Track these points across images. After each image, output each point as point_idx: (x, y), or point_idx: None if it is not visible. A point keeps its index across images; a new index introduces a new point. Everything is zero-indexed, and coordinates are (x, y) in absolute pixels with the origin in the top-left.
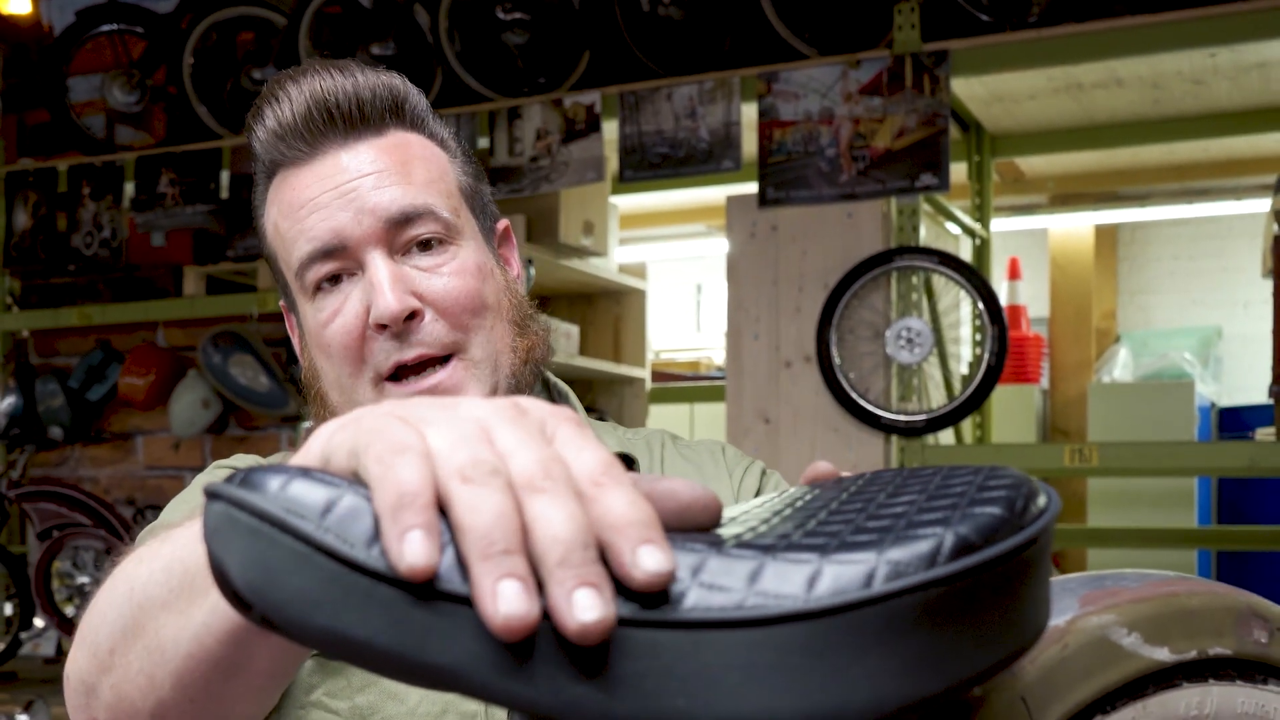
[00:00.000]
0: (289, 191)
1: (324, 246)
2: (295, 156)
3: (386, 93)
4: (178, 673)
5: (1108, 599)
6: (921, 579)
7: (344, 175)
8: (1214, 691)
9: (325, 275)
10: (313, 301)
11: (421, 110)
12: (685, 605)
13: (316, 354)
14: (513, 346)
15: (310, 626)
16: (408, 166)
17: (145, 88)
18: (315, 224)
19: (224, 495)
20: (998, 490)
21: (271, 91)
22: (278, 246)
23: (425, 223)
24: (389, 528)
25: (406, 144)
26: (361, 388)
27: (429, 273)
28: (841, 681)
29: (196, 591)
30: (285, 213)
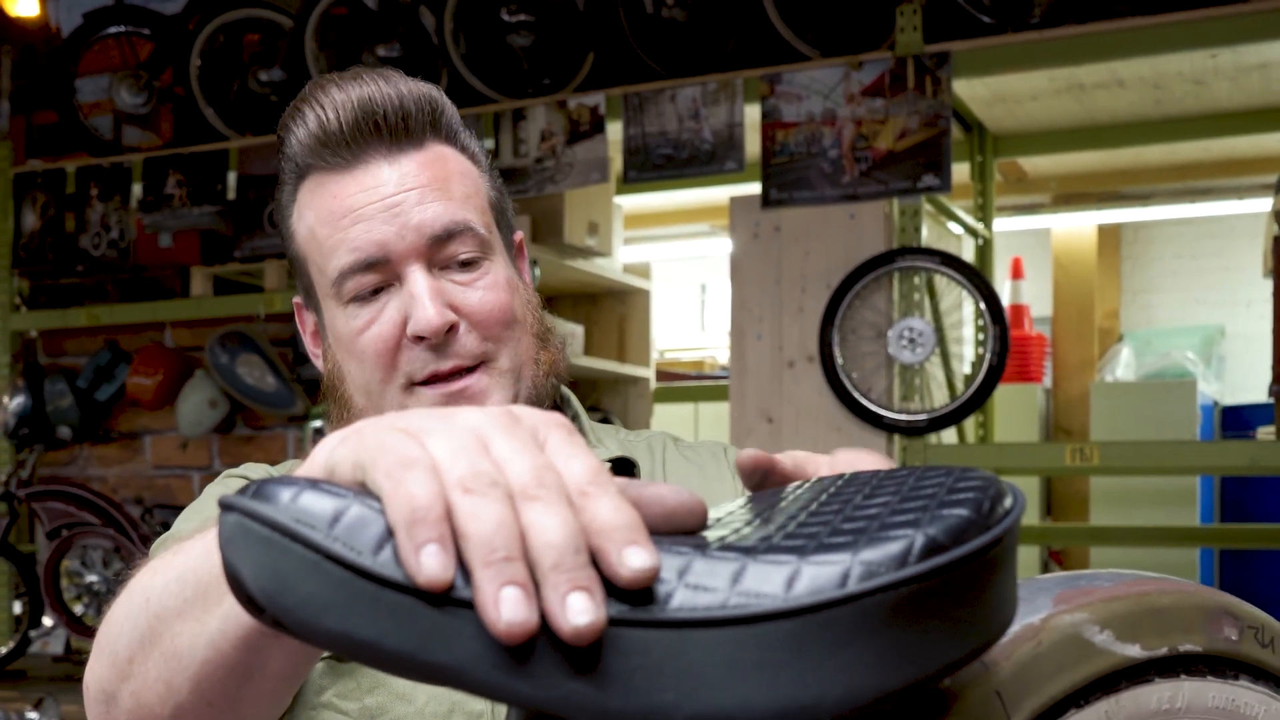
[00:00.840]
0: (329, 199)
1: (367, 258)
2: (336, 163)
3: (428, 105)
4: (195, 678)
5: (1081, 598)
6: (893, 578)
7: (388, 188)
8: (1185, 687)
9: (366, 287)
10: (345, 309)
11: (456, 124)
12: (672, 605)
13: (345, 358)
14: (536, 359)
15: (320, 629)
16: (448, 182)
17: (153, 89)
18: (358, 235)
19: (237, 506)
20: (966, 492)
21: (313, 94)
22: (310, 250)
23: (465, 240)
24: (405, 542)
25: (444, 158)
26: (390, 393)
27: (465, 287)
28: (819, 675)
29: (210, 599)
30: (325, 219)
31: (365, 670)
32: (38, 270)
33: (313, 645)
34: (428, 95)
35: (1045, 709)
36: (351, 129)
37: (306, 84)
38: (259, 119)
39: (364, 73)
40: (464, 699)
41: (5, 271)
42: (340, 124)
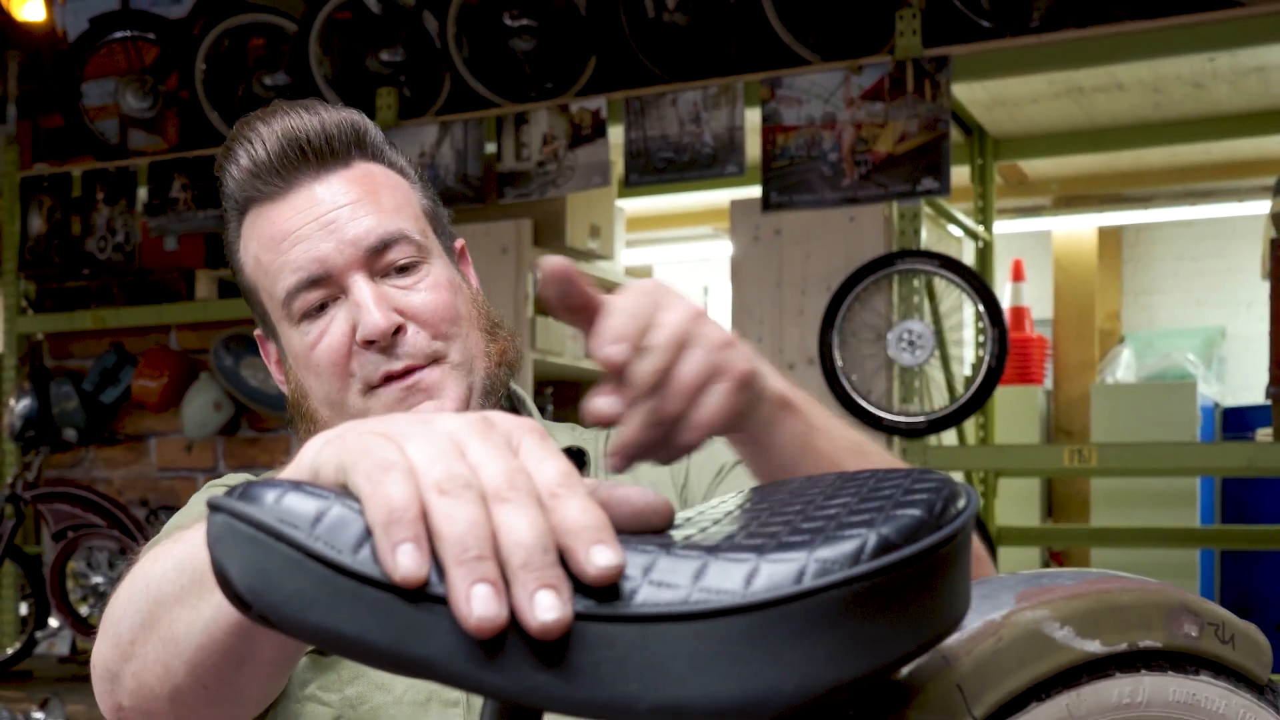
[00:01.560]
0: (268, 225)
1: (310, 275)
2: (270, 192)
3: (349, 127)
4: (190, 662)
5: (1043, 595)
6: (846, 575)
7: (321, 207)
8: (1146, 681)
9: (313, 303)
10: (298, 327)
11: (380, 142)
12: (636, 601)
13: (304, 375)
14: (486, 351)
15: (304, 624)
16: (377, 195)
17: (158, 93)
18: (299, 255)
19: (224, 507)
20: (920, 494)
21: (242, 133)
22: (258, 278)
23: (401, 247)
24: (382, 541)
25: (372, 174)
26: (351, 399)
27: (407, 290)
28: (776, 667)
29: (205, 588)
30: (266, 246)
31: (345, 662)
32: (44, 273)
33: (297, 639)
34: (349, 119)
35: (1006, 702)
36: (279, 157)
37: (235, 125)
38: None
39: (285, 105)
40: (440, 689)
41: (12, 275)
42: (269, 154)
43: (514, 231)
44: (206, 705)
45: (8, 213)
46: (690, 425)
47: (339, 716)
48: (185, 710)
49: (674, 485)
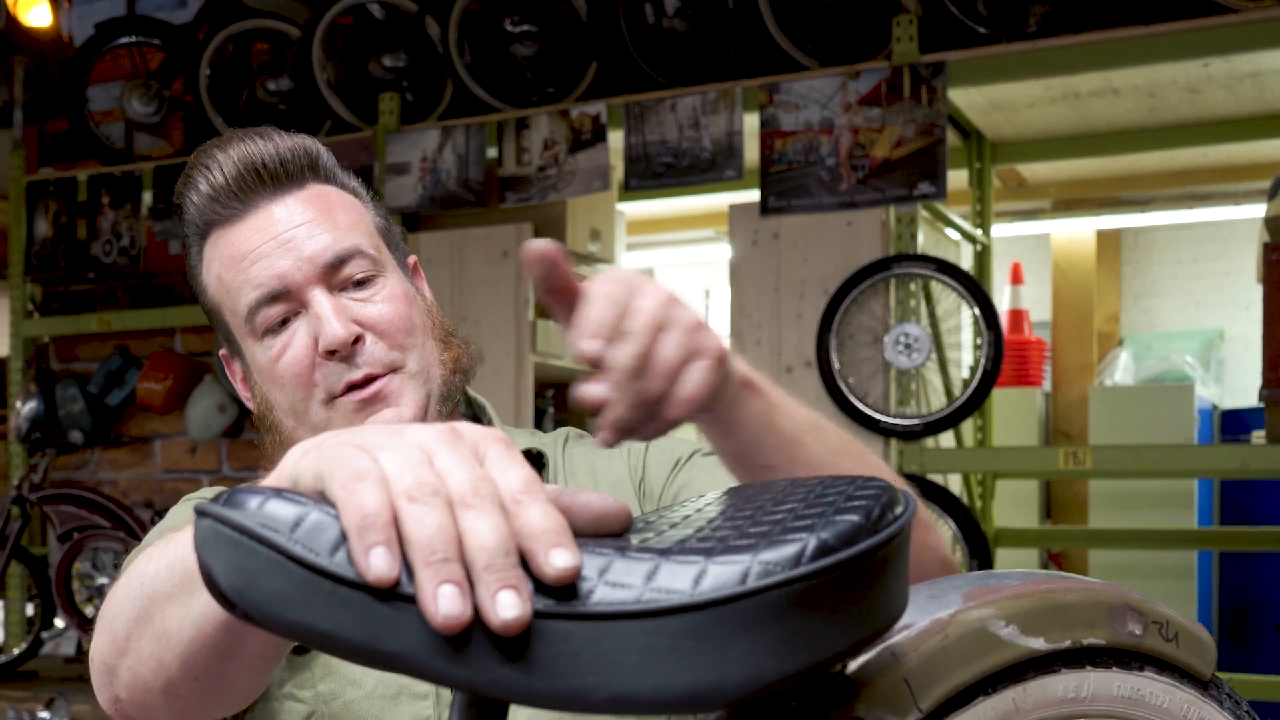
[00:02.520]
0: (228, 246)
1: (270, 291)
2: (229, 214)
3: (303, 151)
4: (182, 655)
5: (989, 595)
6: (786, 576)
7: (279, 226)
8: (1091, 677)
9: (275, 318)
10: (261, 342)
11: (332, 165)
12: (593, 600)
13: (269, 388)
14: (441, 359)
15: (284, 621)
16: (332, 214)
17: (163, 98)
18: (259, 272)
19: (210, 513)
20: (860, 500)
21: (200, 160)
22: (222, 298)
23: (356, 262)
24: (356, 544)
25: (326, 194)
26: (314, 409)
27: (365, 302)
28: (721, 661)
29: (195, 587)
30: (228, 265)
31: (318, 660)
32: (50, 277)
33: (277, 635)
34: (302, 144)
35: (953, 695)
36: (237, 181)
37: (193, 153)
38: None
39: (240, 133)
40: (410, 683)
41: (18, 278)
42: (226, 179)
43: (515, 235)
44: (197, 697)
45: (14, 217)
46: (673, 402)
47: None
48: (178, 702)
49: (632, 481)
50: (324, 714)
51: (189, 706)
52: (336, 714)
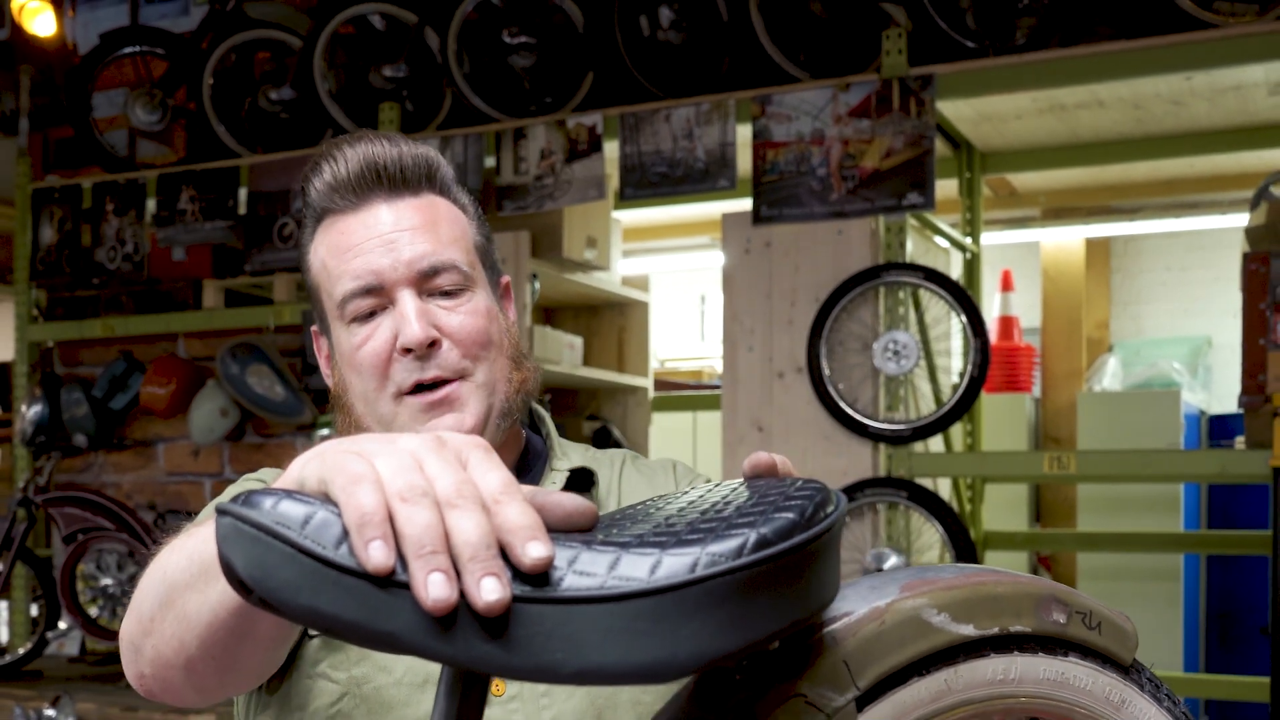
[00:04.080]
0: (337, 235)
1: (364, 285)
2: (344, 206)
3: (424, 161)
4: (200, 636)
5: (924, 586)
6: (729, 565)
7: (384, 226)
8: (1018, 661)
9: (364, 310)
10: (348, 328)
11: (449, 179)
12: (563, 587)
13: (348, 371)
14: (509, 378)
15: (295, 606)
16: (436, 225)
17: (166, 106)
18: (358, 265)
19: (230, 512)
20: (797, 500)
21: (329, 150)
22: (322, 279)
23: (449, 274)
24: (356, 538)
25: (436, 206)
26: (384, 401)
27: (449, 311)
28: (673, 639)
29: (212, 575)
30: (332, 252)
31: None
32: (55, 283)
33: (289, 619)
34: (425, 155)
35: (888, 675)
36: (357, 177)
37: (324, 143)
38: (269, 136)
39: (370, 134)
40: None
41: (24, 284)
42: (348, 173)
43: (512, 243)
44: (214, 673)
45: (19, 223)
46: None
47: (345, 694)
48: (196, 677)
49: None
50: (355, 695)
51: (206, 682)
52: (367, 697)
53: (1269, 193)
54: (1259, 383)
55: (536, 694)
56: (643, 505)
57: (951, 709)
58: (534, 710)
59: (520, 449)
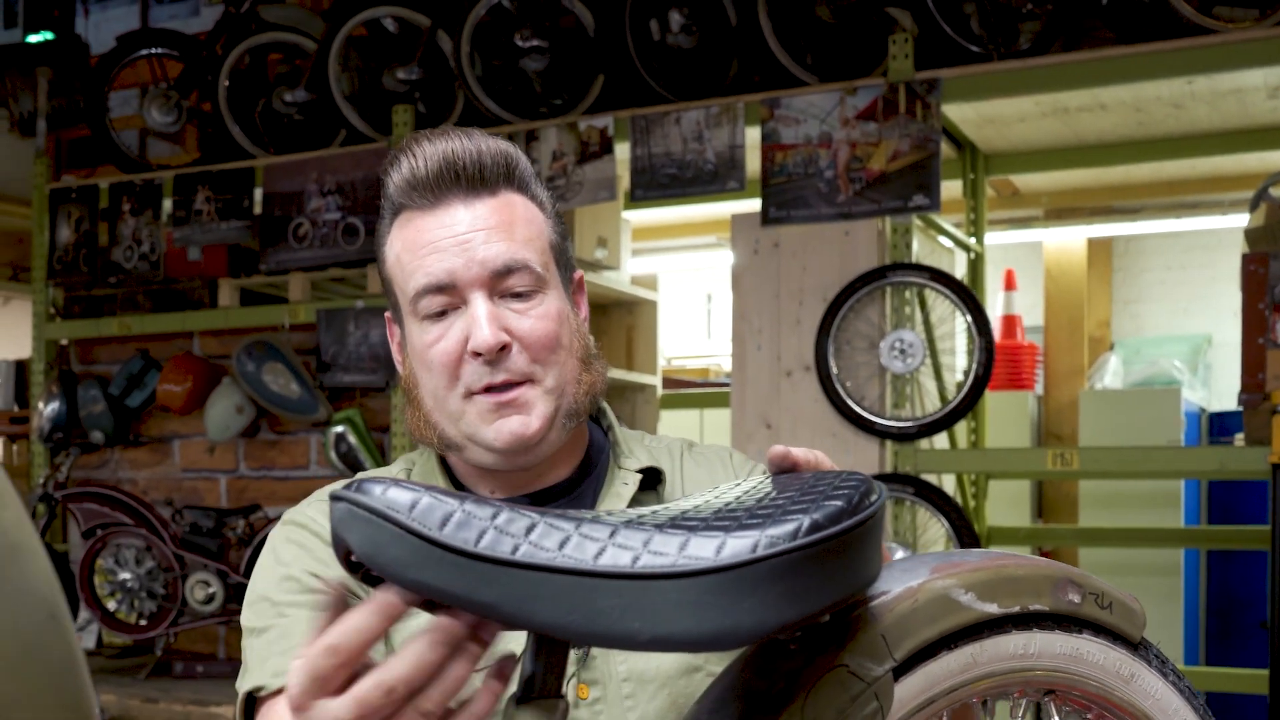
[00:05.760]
0: (413, 231)
1: (437, 283)
2: (422, 203)
3: (502, 159)
4: None
5: (952, 568)
6: (786, 547)
7: (460, 226)
8: (1037, 638)
9: (436, 308)
10: (420, 324)
11: (528, 175)
12: (639, 565)
13: (418, 366)
14: (578, 379)
15: (404, 580)
16: (513, 226)
17: (182, 108)
18: (433, 264)
19: (345, 498)
20: (844, 489)
21: (409, 146)
22: (396, 273)
23: (521, 276)
24: None
25: (513, 205)
26: (453, 399)
27: (520, 314)
28: (736, 612)
29: None
30: (408, 248)
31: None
32: (72, 281)
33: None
34: (504, 151)
35: (921, 649)
36: (436, 176)
37: (405, 138)
38: (282, 137)
39: (451, 131)
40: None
41: (41, 283)
42: (427, 171)
43: None
44: None
45: (37, 223)
46: None
47: None
48: None
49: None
50: None
51: None
52: None
53: (1268, 194)
54: (1258, 381)
55: (620, 696)
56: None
57: (976, 680)
58: (619, 713)
59: (585, 445)
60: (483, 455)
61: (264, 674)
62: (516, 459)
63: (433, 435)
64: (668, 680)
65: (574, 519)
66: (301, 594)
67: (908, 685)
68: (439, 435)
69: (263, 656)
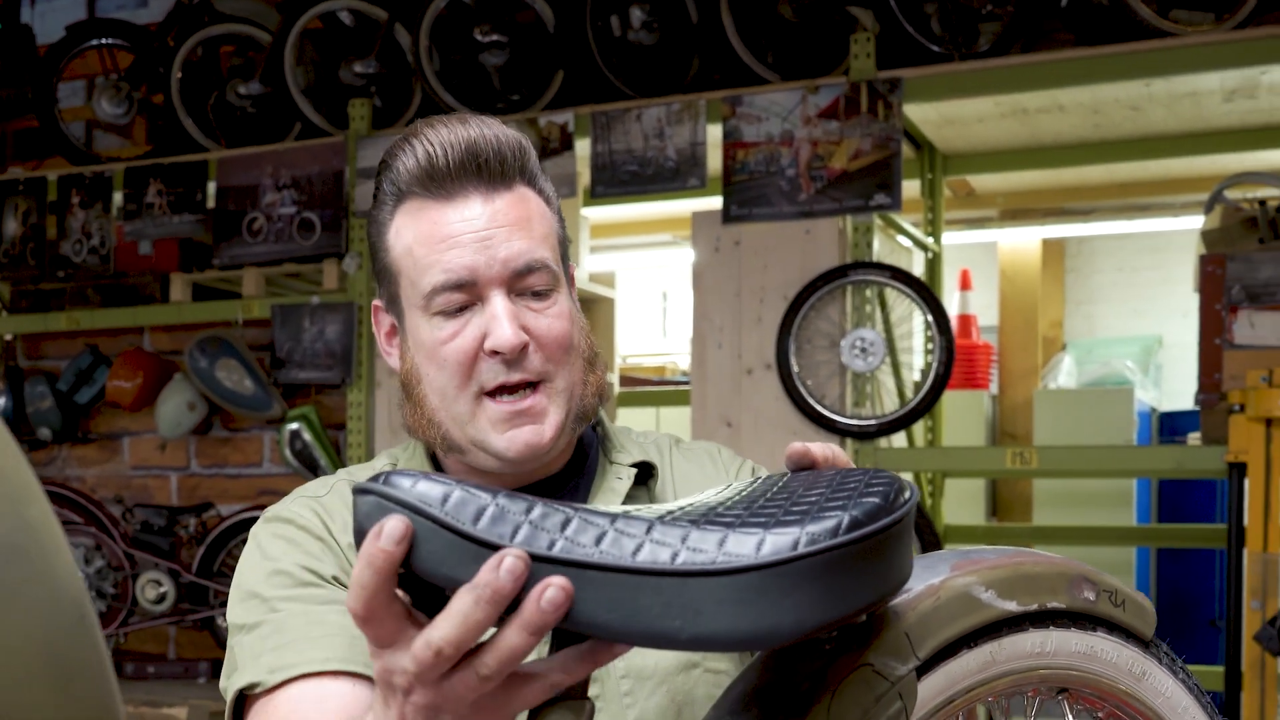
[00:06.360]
0: (428, 223)
1: (457, 279)
2: (437, 192)
3: (519, 151)
4: None
5: (971, 566)
6: (829, 544)
7: (481, 221)
8: (1053, 635)
9: (453, 305)
10: (431, 320)
11: (537, 169)
12: (678, 562)
13: (425, 363)
14: (585, 380)
15: (437, 575)
16: (530, 222)
17: (132, 100)
18: (452, 259)
19: (373, 491)
20: (877, 487)
21: (423, 131)
22: (405, 265)
23: (540, 275)
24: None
25: (527, 200)
26: (463, 399)
27: (537, 314)
28: (777, 610)
29: None
30: (423, 240)
31: None
32: (19, 275)
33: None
34: (519, 142)
35: (943, 647)
36: (458, 165)
37: (418, 120)
38: (236, 131)
39: (469, 117)
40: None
41: None
42: (448, 161)
43: None
44: None
45: None
46: None
47: None
48: None
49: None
50: None
51: None
52: None
53: (1223, 196)
54: (1215, 381)
55: (619, 693)
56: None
57: (995, 679)
58: (618, 710)
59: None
60: (487, 461)
61: (258, 670)
62: (523, 466)
63: (435, 434)
64: (666, 677)
65: (608, 514)
66: (294, 588)
67: (929, 684)
68: (442, 435)
69: (256, 653)
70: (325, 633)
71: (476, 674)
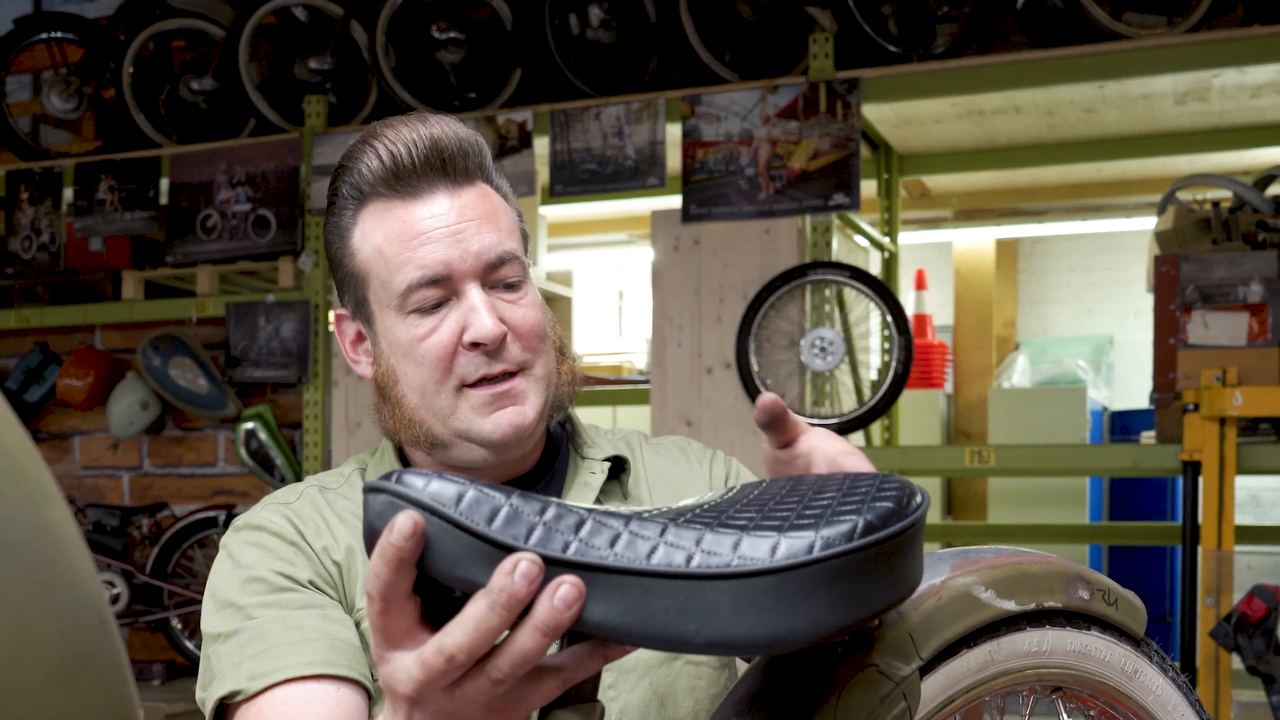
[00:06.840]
0: (396, 222)
1: (433, 275)
2: (403, 191)
3: (478, 148)
4: None
5: (971, 565)
6: (844, 548)
7: (451, 216)
8: (1049, 634)
9: (430, 301)
10: (406, 318)
11: (492, 166)
12: (692, 565)
13: (401, 362)
14: (559, 369)
15: (451, 576)
16: (496, 216)
17: (82, 95)
18: (426, 255)
19: (385, 489)
20: (889, 491)
21: (383, 132)
22: (375, 266)
23: (511, 266)
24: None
25: (489, 195)
26: (444, 394)
27: (512, 304)
28: (793, 614)
29: None
30: (393, 239)
31: None
32: None
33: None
34: (476, 139)
35: (945, 647)
36: (422, 164)
37: (374, 123)
38: (188, 126)
39: (428, 116)
40: None
41: None
42: (413, 159)
43: None
44: None
45: None
46: None
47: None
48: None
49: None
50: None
51: None
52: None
53: (1175, 198)
54: (1170, 380)
55: (603, 686)
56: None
57: (994, 678)
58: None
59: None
60: (473, 451)
61: (239, 678)
62: (508, 452)
63: (418, 433)
64: (648, 670)
65: (620, 515)
66: (271, 594)
67: (931, 684)
68: (425, 433)
69: (235, 661)
70: (305, 637)
71: (489, 678)
